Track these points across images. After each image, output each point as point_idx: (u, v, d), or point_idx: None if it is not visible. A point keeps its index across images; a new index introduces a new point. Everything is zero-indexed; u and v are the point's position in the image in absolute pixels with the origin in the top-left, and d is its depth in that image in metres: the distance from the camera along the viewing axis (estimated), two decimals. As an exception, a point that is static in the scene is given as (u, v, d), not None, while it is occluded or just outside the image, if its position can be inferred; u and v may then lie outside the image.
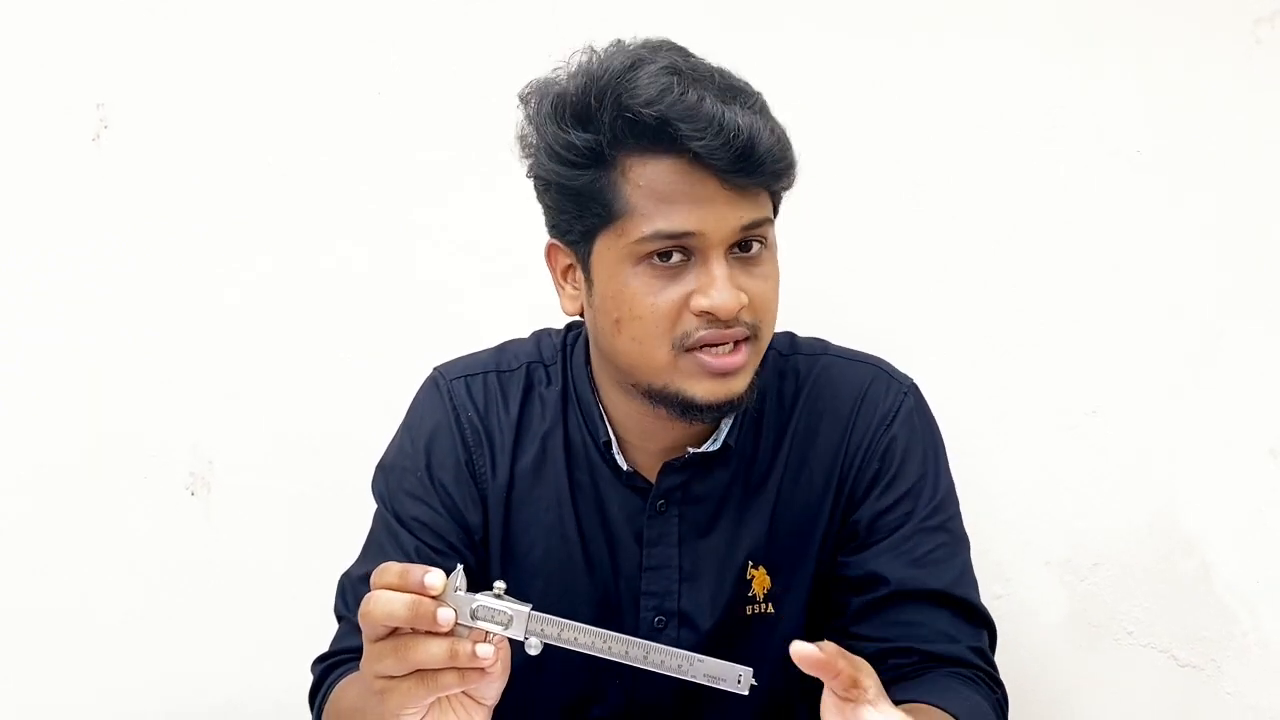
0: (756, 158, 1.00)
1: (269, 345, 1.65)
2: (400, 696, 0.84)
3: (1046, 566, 1.65)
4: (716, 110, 0.98)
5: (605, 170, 1.02)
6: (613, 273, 1.05)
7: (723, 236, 1.02)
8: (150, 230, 1.64)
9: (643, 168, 1.01)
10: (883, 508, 1.15)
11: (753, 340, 1.06)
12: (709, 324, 1.02)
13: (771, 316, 1.08)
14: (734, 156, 0.99)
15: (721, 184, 1.00)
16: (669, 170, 1.01)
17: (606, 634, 0.85)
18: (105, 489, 1.65)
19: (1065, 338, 1.63)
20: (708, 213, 1.01)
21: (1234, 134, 1.59)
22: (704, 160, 0.99)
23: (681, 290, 1.03)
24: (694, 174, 1.00)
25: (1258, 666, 1.63)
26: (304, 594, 1.62)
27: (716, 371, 1.04)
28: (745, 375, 1.06)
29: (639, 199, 1.02)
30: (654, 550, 1.15)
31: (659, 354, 1.04)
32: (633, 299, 1.04)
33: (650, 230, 1.01)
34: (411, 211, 1.64)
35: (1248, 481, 1.61)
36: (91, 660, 1.66)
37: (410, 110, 1.64)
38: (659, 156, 1.01)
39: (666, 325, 1.03)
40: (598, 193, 1.03)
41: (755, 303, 1.05)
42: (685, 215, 1.01)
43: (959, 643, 1.12)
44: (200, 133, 1.63)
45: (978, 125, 1.62)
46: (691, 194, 1.01)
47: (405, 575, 0.83)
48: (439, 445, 1.18)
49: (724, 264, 1.02)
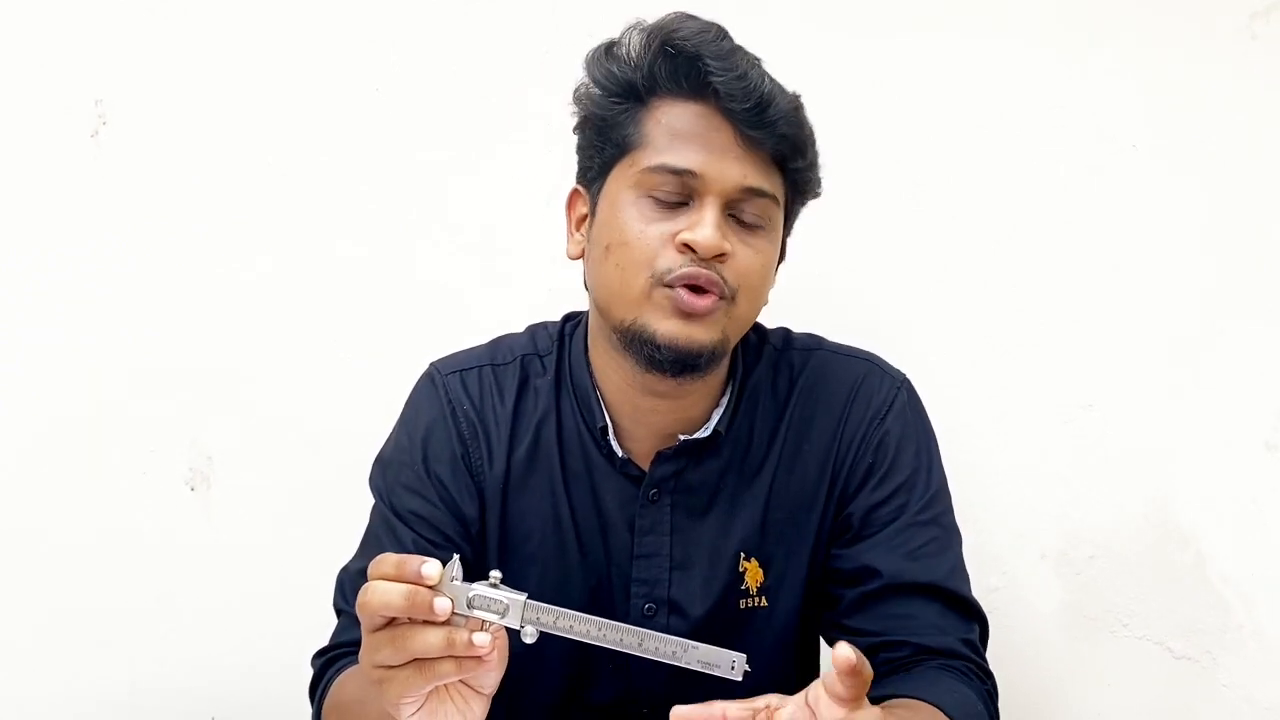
0: (771, 114, 1.06)
1: (268, 341, 1.66)
2: (398, 686, 0.85)
3: (1042, 559, 1.66)
4: (745, 64, 1.06)
5: (636, 106, 1.09)
6: (615, 200, 1.09)
7: (723, 187, 1.06)
8: (149, 227, 1.64)
9: (669, 108, 1.08)
10: (876, 501, 1.16)
11: (727, 301, 1.07)
12: (689, 262, 1.05)
13: (752, 290, 1.10)
14: (751, 105, 1.05)
15: (735, 135, 1.06)
16: (689, 112, 1.07)
17: (602, 622, 0.86)
18: (105, 484, 1.65)
19: (1062, 332, 1.63)
20: (715, 159, 1.06)
21: (1230, 129, 1.59)
22: (724, 107, 1.05)
23: (672, 227, 1.07)
24: (711, 119, 1.06)
25: (1252, 658, 1.64)
26: (303, 588, 1.63)
27: (684, 309, 1.06)
28: (709, 328, 1.07)
29: (657, 134, 1.08)
30: (646, 538, 1.16)
31: (636, 283, 1.07)
32: (625, 225, 1.08)
33: (658, 161, 1.07)
34: (410, 208, 1.65)
35: (1243, 474, 1.62)
36: (91, 655, 1.67)
37: (409, 107, 1.64)
38: (686, 101, 1.07)
39: (649, 255, 1.07)
40: (622, 124, 1.09)
41: (738, 263, 1.07)
42: (693, 155, 1.06)
43: (949, 635, 1.12)
44: (199, 130, 1.63)
45: (973, 122, 1.62)
46: (706, 138, 1.06)
47: (402, 566, 0.84)
48: (435, 439, 1.19)
49: (717, 212, 1.06)
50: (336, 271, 1.65)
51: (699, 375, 1.11)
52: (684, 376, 1.10)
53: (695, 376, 1.11)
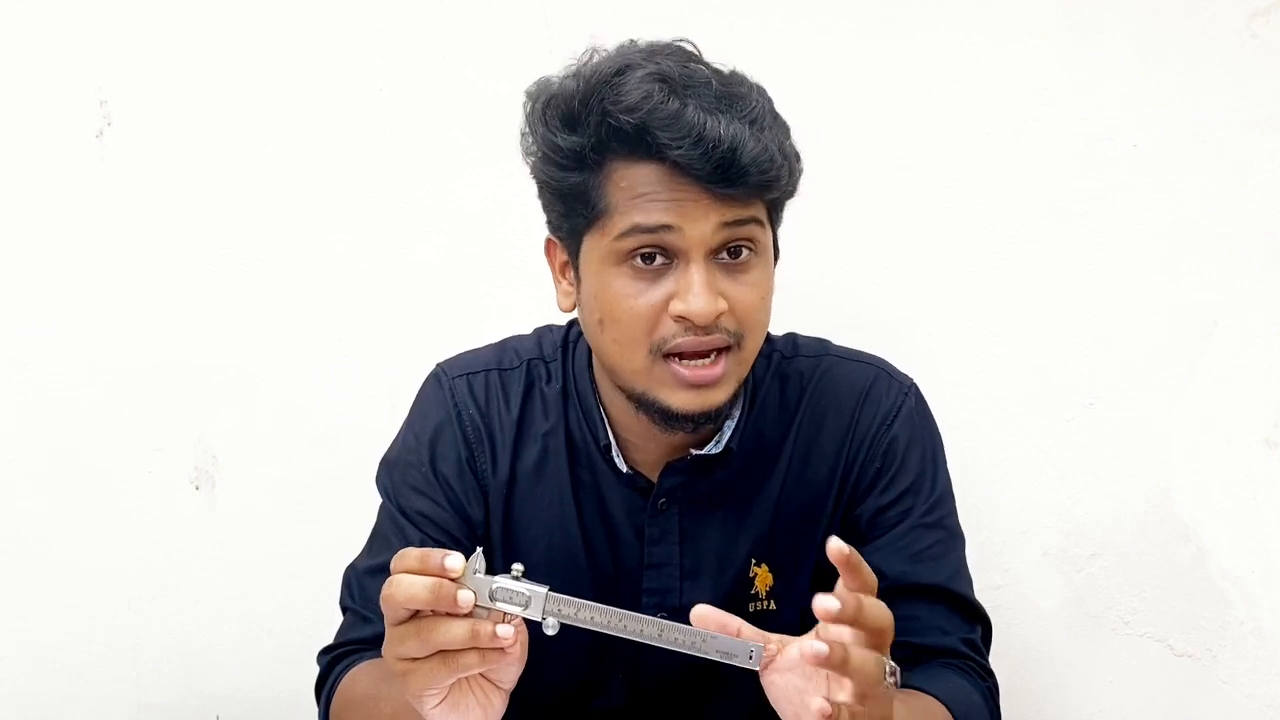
0: (738, 168, 0.99)
1: (273, 340, 1.66)
2: (422, 678, 0.86)
3: (1044, 556, 1.66)
4: (697, 119, 0.98)
5: (591, 173, 1.03)
6: (597, 272, 1.06)
7: (702, 234, 1.01)
8: (154, 226, 1.64)
9: (626, 171, 1.02)
10: (883, 504, 1.17)
11: (734, 350, 1.05)
12: (686, 330, 1.03)
13: (757, 325, 1.07)
14: (714, 166, 0.99)
15: (704, 189, 1.00)
16: (651, 174, 1.01)
17: (622, 613, 0.87)
18: (110, 483, 1.66)
19: (1062, 330, 1.63)
20: (687, 209, 1.01)
21: (1230, 128, 1.59)
22: (684, 168, 0.99)
23: (661, 293, 1.03)
24: (675, 178, 1.00)
25: (1254, 655, 1.64)
26: (308, 587, 1.64)
27: (691, 384, 1.04)
28: (724, 387, 1.06)
29: (620, 198, 1.02)
30: (655, 548, 1.16)
31: (637, 358, 1.05)
32: (613, 300, 1.04)
33: (628, 225, 1.02)
34: (415, 207, 1.65)
35: (1243, 471, 1.62)
36: (96, 654, 1.67)
37: (413, 108, 1.64)
38: (641, 162, 1.01)
39: (645, 329, 1.04)
40: (583, 194, 1.04)
41: (738, 310, 1.04)
42: (663, 211, 1.01)
43: (951, 635, 1.13)
44: (204, 130, 1.63)
45: (975, 122, 1.62)
46: (671, 194, 1.01)
47: (425, 559, 0.84)
48: (442, 441, 1.19)
49: (704, 268, 1.02)
50: (342, 270, 1.65)
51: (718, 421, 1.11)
52: (703, 429, 1.11)
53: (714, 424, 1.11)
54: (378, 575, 1.15)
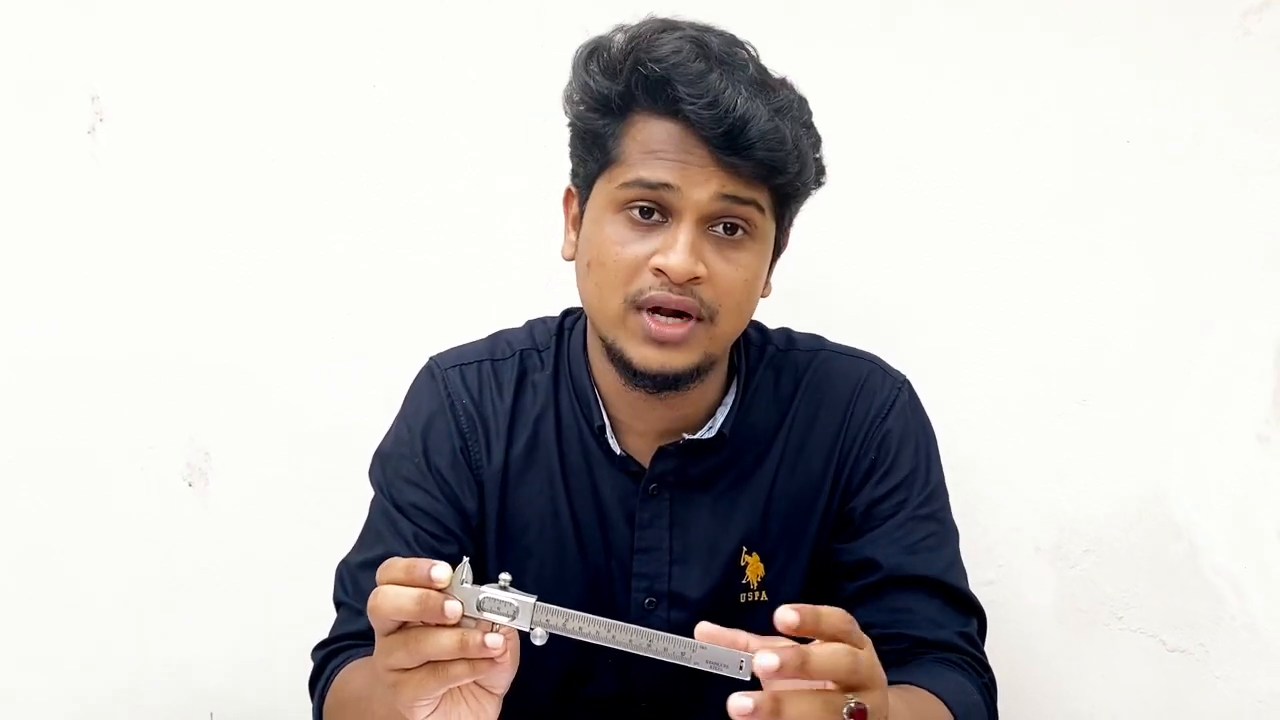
0: (746, 138, 1.02)
1: (266, 337, 1.66)
2: (413, 689, 0.85)
3: (1037, 552, 1.67)
4: (719, 84, 1.02)
5: (614, 120, 1.07)
6: (596, 216, 1.09)
7: (698, 199, 1.04)
8: (146, 223, 1.64)
9: (645, 124, 1.06)
10: (877, 496, 1.18)
11: (706, 323, 1.07)
12: (662, 285, 1.04)
13: (734, 305, 1.08)
14: (723, 131, 1.02)
15: (710, 153, 1.03)
16: (664, 129, 1.05)
17: (611, 623, 0.86)
18: (103, 481, 1.66)
19: (1055, 327, 1.64)
20: (690, 172, 1.04)
21: (1223, 125, 1.60)
22: (695, 127, 1.03)
23: (648, 247, 1.06)
24: (687, 138, 1.04)
25: (1246, 650, 1.65)
26: (301, 583, 1.63)
27: (656, 338, 1.06)
28: (687, 352, 1.07)
29: (632, 149, 1.06)
30: (645, 533, 1.17)
31: (612, 304, 1.07)
32: (603, 244, 1.07)
33: (633, 176, 1.05)
34: (407, 203, 1.65)
35: (1235, 467, 1.63)
36: (89, 651, 1.67)
37: (406, 102, 1.64)
38: (660, 117, 1.05)
39: (624, 277, 1.06)
40: (603, 138, 1.08)
41: (718, 283, 1.06)
42: (667, 169, 1.04)
43: (947, 629, 1.13)
44: (196, 126, 1.63)
45: (967, 120, 1.62)
46: (679, 153, 1.04)
47: (412, 570, 0.84)
48: (435, 432, 1.20)
49: (692, 230, 1.04)
50: (334, 266, 1.65)
51: (683, 391, 1.11)
52: (666, 393, 1.11)
53: (679, 392, 1.11)
54: (370, 569, 1.14)
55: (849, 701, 0.80)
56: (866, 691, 0.81)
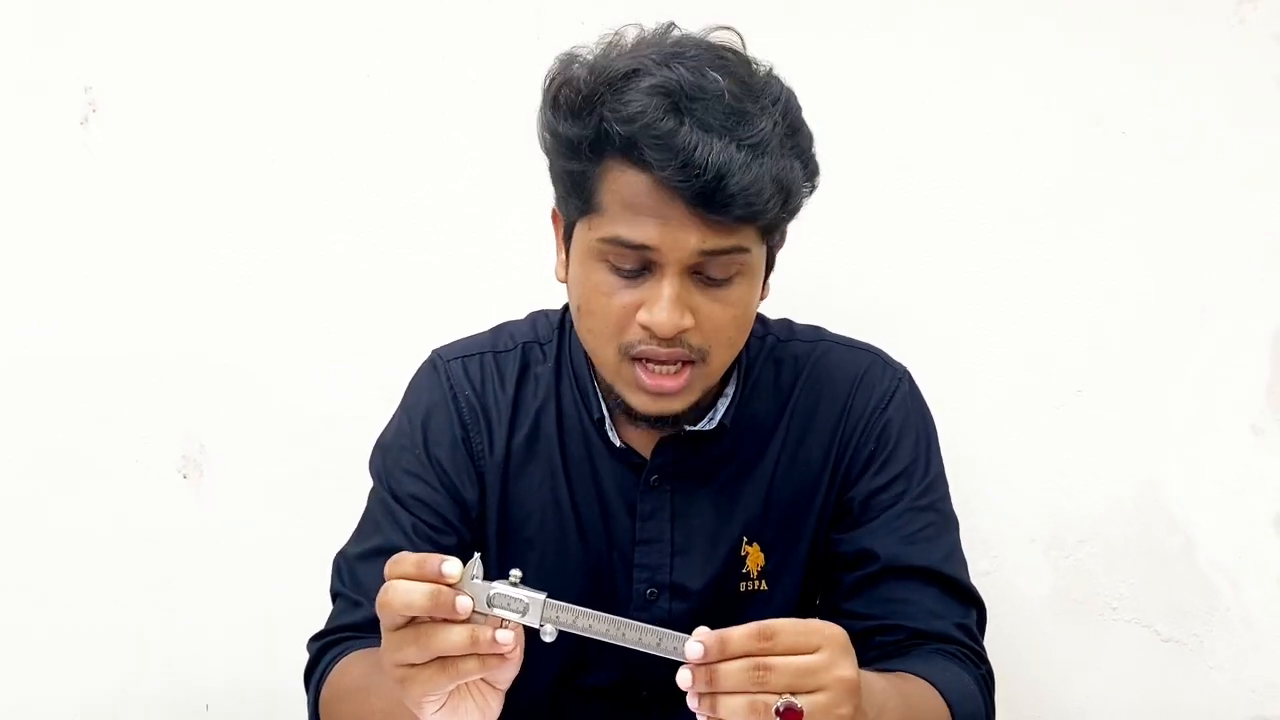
0: (723, 195, 0.98)
1: (260, 328, 1.65)
2: (422, 684, 0.85)
3: (1032, 543, 1.67)
4: (690, 140, 0.97)
5: (589, 164, 1.03)
6: (582, 260, 1.07)
7: (679, 256, 1.01)
8: (140, 214, 1.63)
9: (620, 174, 1.02)
10: (877, 487, 1.18)
11: (699, 364, 1.06)
12: (650, 338, 1.04)
13: (725, 341, 1.07)
14: (698, 190, 0.98)
15: (689, 211, 1.00)
16: (641, 184, 1.00)
17: (621, 621, 0.86)
18: (98, 473, 1.65)
19: (1051, 318, 1.64)
20: (669, 231, 1.00)
21: (1219, 114, 1.60)
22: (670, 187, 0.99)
23: (634, 298, 1.04)
24: (663, 193, 1.00)
25: (1240, 641, 1.65)
26: (297, 575, 1.63)
27: (651, 390, 1.06)
28: (685, 397, 1.07)
29: (611, 202, 1.03)
30: (647, 524, 1.17)
31: (606, 352, 1.07)
32: (591, 293, 1.06)
33: (612, 234, 1.03)
34: (402, 194, 1.65)
35: (1230, 457, 1.63)
36: (84, 645, 1.67)
37: (400, 93, 1.64)
38: (634, 169, 1.01)
39: (614, 329, 1.05)
40: (581, 183, 1.05)
41: (706, 327, 1.04)
42: (646, 229, 1.01)
43: (944, 620, 1.13)
44: (190, 116, 1.62)
45: (961, 108, 1.62)
46: (658, 210, 1.00)
47: (422, 565, 0.83)
48: (435, 424, 1.20)
49: (676, 283, 1.02)
50: (329, 258, 1.65)
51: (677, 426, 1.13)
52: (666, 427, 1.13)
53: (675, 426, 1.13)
54: (368, 560, 1.16)
55: (782, 696, 0.82)
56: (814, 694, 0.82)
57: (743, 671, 0.82)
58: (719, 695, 0.83)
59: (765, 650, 0.83)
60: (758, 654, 0.82)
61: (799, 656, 0.83)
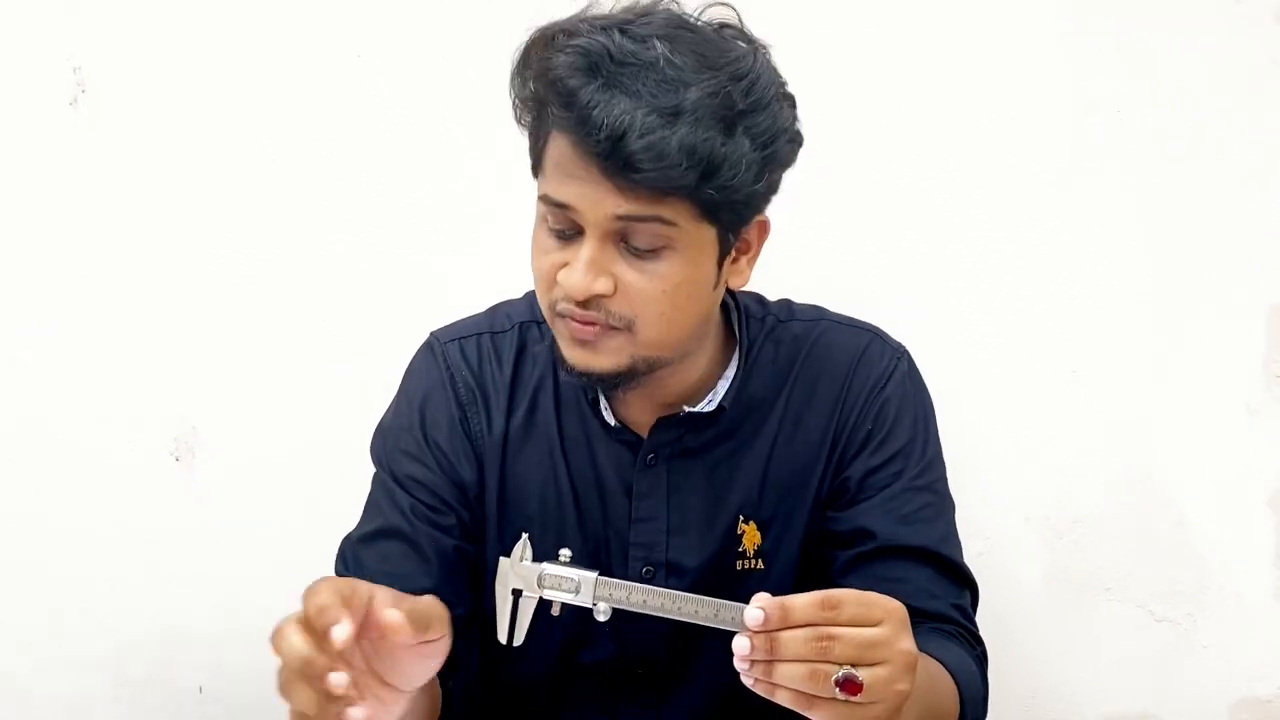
0: (620, 156, 0.96)
1: (253, 312, 1.65)
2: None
3: (1026, 523, 1.67)
4: (591, 99, 0.96)
5: (537, 125, 1.05)
6: (535, 221, 1.08)
7: (595, 219, 1.01)
8: (130, 197, 1.62)
9: (556, 137, 1.02)
10: (873, 466, 1.17)
11: (626, 331, 1.05)
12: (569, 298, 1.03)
13: (655, 315, 1.04)
14: (596, 150, 0.97)
15: (602, 170, 0.98)
16: (566, 145, 1.00)
17: (676, 594, 0.86)
18: (90, 456, 1.65)
19: (1045, 298, 1.64)
20: (585, 192, 1.00)
21: (1215, 95, 1.60)
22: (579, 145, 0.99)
23: (561, 258, 1.04)
24: (580, 155, 0.99)
25: (1234, 621, 1.66)
26: (288, 558, 1.63)
27: (575, 338, 1.06)
28: (608, 355, 1.06)
29: (548, 163, 1.03)
30: (643, 503, 1.17)
31: (544, 308, 1.09)
32: (534, 251, 1.07)
33: (543, 193, 1.04)
34: (393, 178, 1.64)
35: (1224, 437, 1.64)
36: (78, 628, 1.67)
37: (391, 73, 1.63)
38: (563, 132, 1.00)
39: (545, 285, 1.06)
40: (534, 145, 1.06)
41: (630, 294, 1.03)
42: (568, 189, 1.01)
43: (940, 600, 1.13)
44: (179, 98, 1.61)
45: (957, 89, 1.62)
46: (576, 172, 1.00)
47: (320, 615, 0.81)
48: (432, 405, 1.20)
49: (594, 246, 1.01)
50: (320, 243, 1.64)
51: (625, 390, 1.11)
52: (610, 391, 1.12)
53: (620, 389, 1.11)
54: (368, 542, 1.17)
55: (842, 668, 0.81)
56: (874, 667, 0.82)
57: (806, 640, 0.81)
58: (777, 663, 0.82)
59: (829, 620, 0.82)
60: (821, 623, 0.82)
61: (863, 628, 0.83)
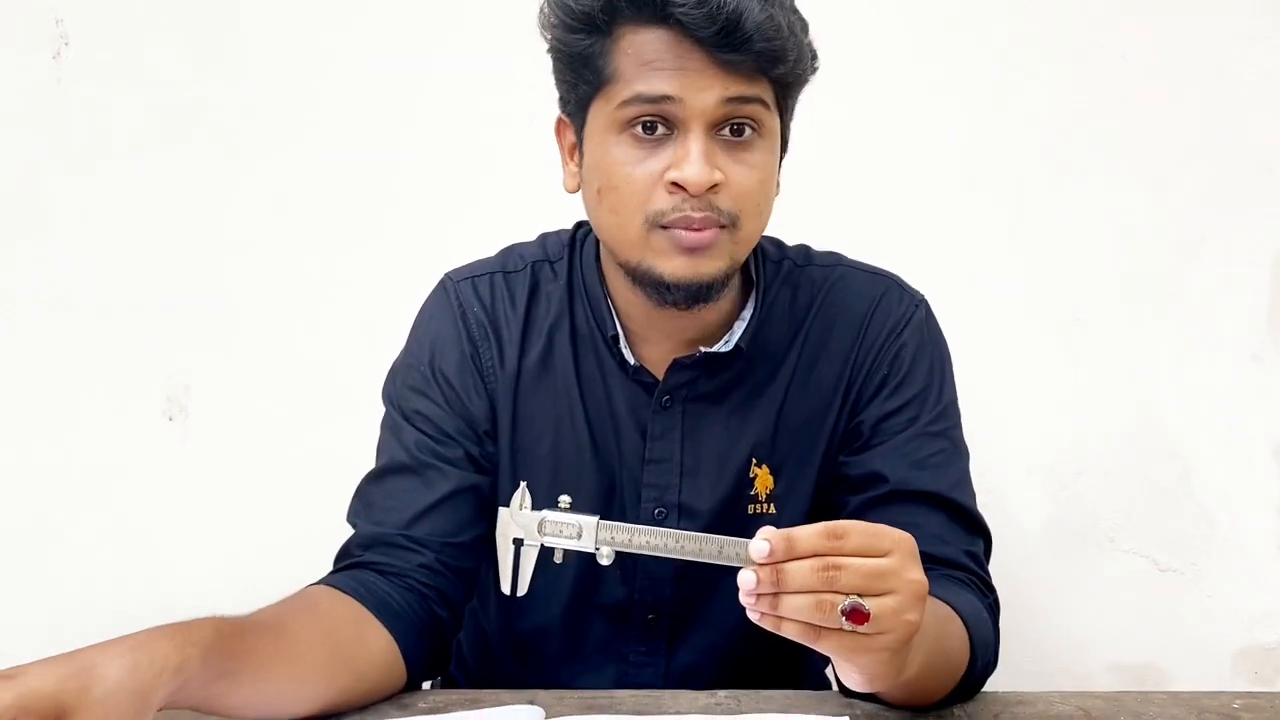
0: (742, 32, 0.98)
1: (244, 271, 1.63)
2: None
3: (1030, 474, 1.67)
4: None
5: (600, 37, 1.04)
6: (599, 141, 1.06)
7: (703, 106, 1.01)
8: (115, 151, 1.61)
9: (634, 36, 1.02)
10: (888, 410, 1.16)
11: (729, 229, 1.05)
12: (682, 202, 1.02)
13: (754, 209, 1.06)
14: (717, 29, 0.98)
15: (708, 56, 1.00)
16: (657, 39, 1.01)
17: (678, 533, 0.85)
18: (83, 416, 1.64)
19: (1049, 246, 1.63)
20: (690, 80, 1.01)
21: (1217, 41, 1.58)
22: (689, 31, 0.99)
23: (659, 164, 1.03)
24: (681, 44, 1.00)
25: (1237, 570, 1.66)
26: (281, 515, 1.63)
27: (686, 246, 1.04)
28: (715, 258, 1.05)
29: (626, 65, 1.02)
30: (657, 444, 1.16)
31: (632, 227, 1.05)
32: (612, 168, 1.05)
33: (631, 93, 1.02)
34: (388, 132, 1.62)
35: (1229, 386, 1.63)
36: (72, 588, 1.66)
37: (384, 27, 1.61)
38: (649, 26, 1.01)
39: (641, 198, 1.04)
40: (591, 59, 1.04)
41: (735, 189, 1.04)
42: (666, 80, 1.01)
43: (952, 545, 1.12)
44: (164, 51, 1.60)
45: (963, 37, 1.61)
46: (676, 62, 1.01)
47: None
48: (443, 341, 1.19)
49: (703, 139, 1.02)
50: (314, 198, 1.62)
51: (711, 302, 1.10)
52: (697, 305, 1.10)
53: (708, 304, 1.10)
54: (376, 480, 1.16)
55: (848, 597, 0.80)
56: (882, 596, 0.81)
57: (811, 571, 0.80)
58: (783, 595, 0.81)
59: (835, 550, 0.81)
60: (827, 553, 0.81)
61: (869, 559, 0.82)
